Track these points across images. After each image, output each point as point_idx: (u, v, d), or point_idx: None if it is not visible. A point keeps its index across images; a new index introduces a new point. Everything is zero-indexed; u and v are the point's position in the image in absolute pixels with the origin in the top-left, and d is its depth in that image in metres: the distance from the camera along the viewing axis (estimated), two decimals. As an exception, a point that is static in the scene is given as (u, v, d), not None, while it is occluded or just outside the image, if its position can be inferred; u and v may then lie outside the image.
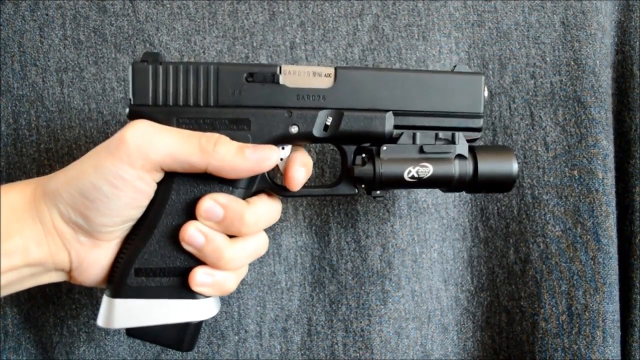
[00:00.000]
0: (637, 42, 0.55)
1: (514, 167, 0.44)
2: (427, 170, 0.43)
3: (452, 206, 0.55)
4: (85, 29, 0.51)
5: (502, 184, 0.44)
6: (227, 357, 0.53)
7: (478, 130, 0.44)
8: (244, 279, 0.53)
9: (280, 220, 0.53)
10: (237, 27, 0.52)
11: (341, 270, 0.53)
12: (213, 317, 0.44)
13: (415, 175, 0.43)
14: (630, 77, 0.55)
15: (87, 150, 0.49)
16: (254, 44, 0.52)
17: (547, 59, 0.53)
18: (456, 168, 0.43)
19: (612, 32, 0.55)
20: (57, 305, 0.53)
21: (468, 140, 0.44)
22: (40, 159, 0.52)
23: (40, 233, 0.39)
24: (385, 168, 0.43)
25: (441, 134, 0.44)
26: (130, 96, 0.41)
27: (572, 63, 0.53)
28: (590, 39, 0.53)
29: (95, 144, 0.51)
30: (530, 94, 0.54)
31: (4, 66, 0.51)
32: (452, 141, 0.44)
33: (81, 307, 0.53)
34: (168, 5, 0.52)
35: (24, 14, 0.51)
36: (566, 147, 0.53)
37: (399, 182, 0.43)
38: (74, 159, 0.51)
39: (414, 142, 0.43)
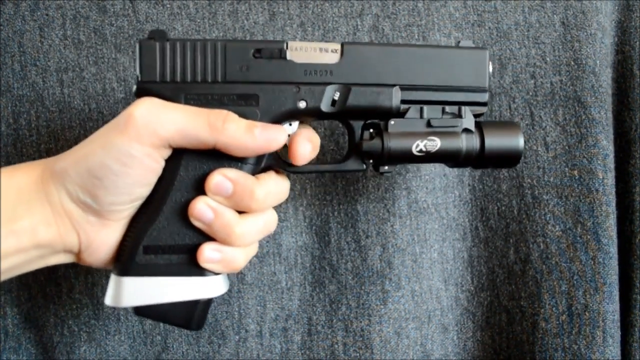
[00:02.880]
0: (637, 42, 0.55)
1: (520, 141, 0.44)
2: (434, 144, 0.43)
3: (452, 206, 0.55)
4: (85, 29, 0.51)
5: (509, 158, 0.45)
6: (228, 357, 0.53)
7: (484, 104, 0.44)
8: (244, 279, 0.53)
9: (280, 220, 0.53)
10: (237, 27, 0.52)
11: (341, 270, 0.53)
12: (221, 295, 0.44)
13: (423, 149, 0.43)
14: (630, 77, 0.55)
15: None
16: (254, 44, 0.52)
17: (547, 59, 0.53)
18: (463, 142, 0.43)
19: (612, 32, 0.55)
20: (58, 305, 0.53)
21: (474, 115, 0.44)
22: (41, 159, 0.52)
23: (49, 214, 0.38)
24: (393, 142, 0.43)
25: (448, 109, 0.44)
26: (138, 73, 0.40)
27: (572, 63, 0.53)
28: (590, 39, 0.53)
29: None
30: (530, 94, 0.54)
31: (4, 66, 0.51)
32: (459, 115, 0.44)
33: (82, 306, 0.53)
34: (168, 5, 0.52)
35: (24, 14, 0.51)
36: (566, 147, 0.53)
37: (407, 157, 0.43)
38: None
39: (421, 116, 0.43)
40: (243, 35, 0.52)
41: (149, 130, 0.37)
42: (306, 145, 0.42)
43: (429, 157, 0.43)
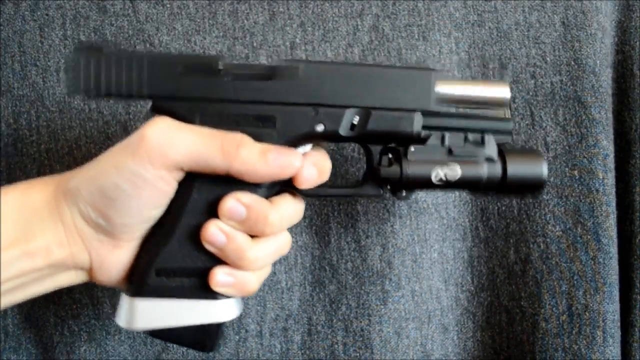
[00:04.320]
0: (637, 42, 0.55)
1: (544, 170, 0.43)
2: (455, 173, 0.42)
3: (452, 206, 0.55)
4: (85, 29, 0.51)
5: (532, 187, 0.43)
6: (228, 357, 0.53)
7: (508, 133, 0.43)
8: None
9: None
10: (237, 27, 0.52)
11: (341, 270, 0.53)
12: (234, 319, 0.43)
13: (443, 178, 0.42)
14: (630, 77, 0.55)
15: (88, 150, 0.49)
16: (254, 44, 0.52)
17: (548, 59, 0.53)
18: (485, 171, 0.42)
19: (612, 32, 0.55)
20: (58, 305, 0.53)
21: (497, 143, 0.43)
22: (41, 159, 0.52)
23: (62, 233, 0.38)
24: (412, 169, 0.41)
25: (470, 136, 0.42)
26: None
27: (573, 63, 0.53)
28: (590, 39, 0.53)
29: (95, 144, 0.51)
30: (531, 94, 0.54)
31: (4, 66, 0.51)
32: (482, 143, 0.42)
33: (82, 306, 0.53)
34: (168, 5, 0.52)
35: (24, 14, 0.51)
36: (566, 147, 0.53)
37: (426, 184, 0.42)
38: (74, 159, 0.52)
39: (442, 143, 0.42)
40: (243, 35, 0.52)
41: (162, 153, 0.37)
42: (311, 169, 0.40)
43: (448, 186, 0.42)
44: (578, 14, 0.53)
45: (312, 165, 0.41)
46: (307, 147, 0.42)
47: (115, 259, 0.40)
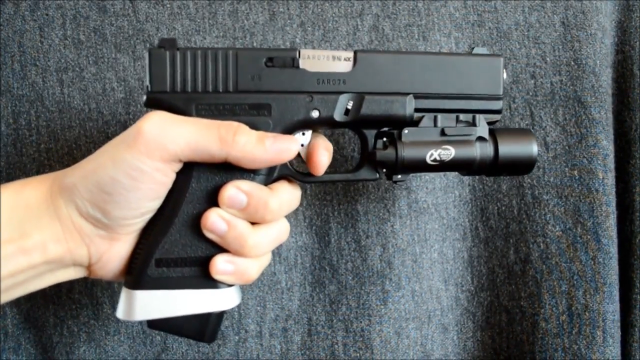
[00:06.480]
0: (637, 42, 0.55)
1: (534, 148, 0.44)
2: (449, 152, 0.43)
3: (452, 206, 0.55)
4: (85, 29, 0.51)
5: (523, 165, 0.44)
6: (228, 357, 0.53)
7: (498, 112, 0.44)
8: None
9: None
10: (237, 27, 0.52)
11: (341, 270, 0.53)
12: (234, 308, 0.43)
13: (438, 158, 0.43)
14: (630, 77, 0.55)
15: (87, 150, 0.49)
16: (254, 44, 0.52)
17: (547, 59, 0.53)
18: (477, 150, 0.43)
19: (612, 32, 0.55)
20: (57, 305, 0.53)
21: (487, 123, 0.44)
22: (40, 159, 0.52)
23: (58, 229, 0.38)
24: (407, 151, 0.42)
25: (462, 117, 0.43)
26: (148, 83, 0.40)
27: (572, 63, 0.53)
28: (590, 39, 0.53)
29: (95, 143, 0.51)
30: (531, 94, 0.54)
31: (4, 66, 0.51)
32: (473, 124, 0.43)
33: (81, 307, 0.53)
34: (168, 5, 0.52)
35: (24, 14, 0.51)
36: (566, 147, 0.53)
37: (421, 166, 0.43)
38: (74, 159, 0.52)
39: (435, 125, 0.43)
40: (243, 35, 0.52)
41: (159, 145, 0.37)
42: (324, 154, 0.42)
43: (443, 166, 0.43)
44: (578, 14, 0.53)
45: (324, 150, 0.42)
46: (308, 135, 0.43)
47: (114, 253, 0.40)
